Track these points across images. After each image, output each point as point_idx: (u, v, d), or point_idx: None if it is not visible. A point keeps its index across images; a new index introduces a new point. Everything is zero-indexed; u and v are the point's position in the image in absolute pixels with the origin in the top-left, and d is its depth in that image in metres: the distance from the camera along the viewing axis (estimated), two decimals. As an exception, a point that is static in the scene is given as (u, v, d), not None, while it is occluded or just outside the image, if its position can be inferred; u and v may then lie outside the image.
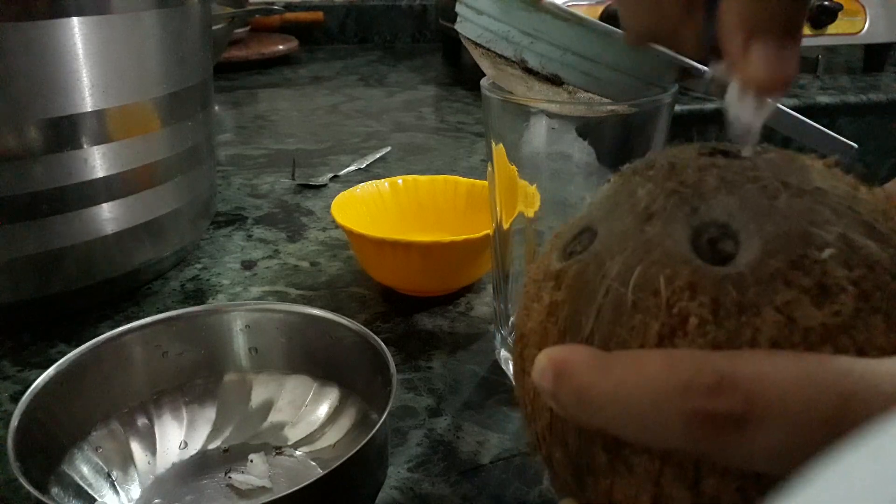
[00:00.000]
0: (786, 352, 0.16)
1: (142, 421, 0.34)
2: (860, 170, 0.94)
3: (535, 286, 0.21)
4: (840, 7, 0.96)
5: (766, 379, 0.15)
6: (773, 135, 0.27)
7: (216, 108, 0.95)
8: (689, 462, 0.17)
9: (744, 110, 0.20)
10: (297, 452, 0.34)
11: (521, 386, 0.21)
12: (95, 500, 0.30)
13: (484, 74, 0.35)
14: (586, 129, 0.33)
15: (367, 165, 0.74)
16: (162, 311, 0.36)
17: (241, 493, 0.32)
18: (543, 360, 0.18)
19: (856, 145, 0.31)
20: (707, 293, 0.17)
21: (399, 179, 0.53)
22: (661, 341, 0.17)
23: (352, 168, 0.73)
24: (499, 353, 0.41)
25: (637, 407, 0.16)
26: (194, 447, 0.34)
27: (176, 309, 0.37)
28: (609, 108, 0.31)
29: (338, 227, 0.48)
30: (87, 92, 0.41)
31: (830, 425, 0.15)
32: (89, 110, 0.41)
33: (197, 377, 0.36)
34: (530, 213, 0.36)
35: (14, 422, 0.28)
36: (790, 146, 0.23)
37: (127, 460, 0.33)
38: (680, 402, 0.15)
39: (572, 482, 0.20)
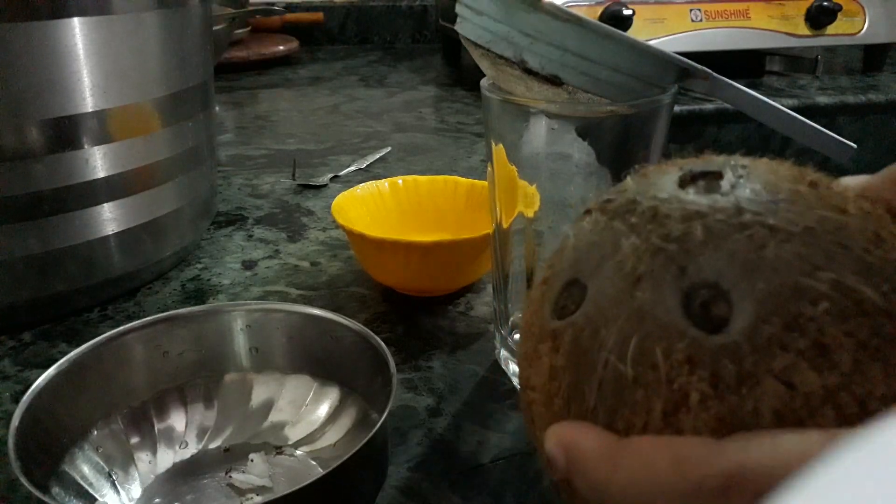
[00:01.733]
0: (790, 435, 0.16)
1: (143, 420, 0.34)
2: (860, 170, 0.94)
3: (532, 341, 0.21)
4: (839, 7, 0.96)
5: (774, 475, 0.15)
6: (773, 135, 0.27)
7: (217, 108, 0.95)
8: None
9: None
10: (298, 452, 0.34)
11: (533, 435, 0.22)
12: (96, 499, 0.30)
13: (484, 75, 0.35)
14: (586, 129, 0.33)
15: (368, 166, 0.74)
16: (162, 311, 0.36)
17: (241, 492, 0.32)
18: (554, 439, 0.19)
19: (855, 146, 0.31)
20: (706, 367, 0.17)
21: (399, 179, 0.53)
22: (666, 418, 0.17)
23: (352, 168, 0.73)
24: (499, 353, 0.41)
25: None
26: (195, 446, 0.34)
27: (176, 309, 0.37)
28: (609, 108, 0.32)
29: (338, 227, 0.48)
30: (87, 92, 0.41)
31: None
32: (90, 110, 0.41)
33: (197, 377, 0.36)
34: (530, 213, 0.36)
35: (15, 422, 0.28)
36: (790, 146, 0.22)
37: (128, 460, 0.33)
38: None
39: None
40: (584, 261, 0.20)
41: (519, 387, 0.22)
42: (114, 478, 0.32)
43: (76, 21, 0.40)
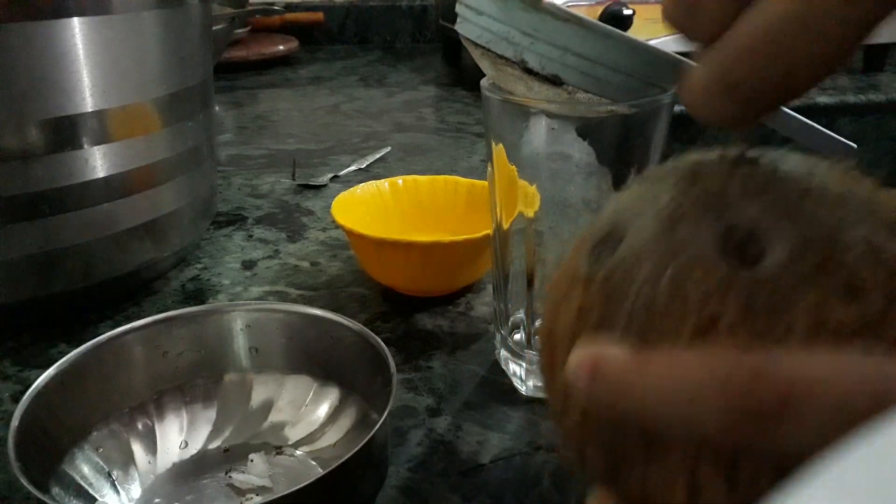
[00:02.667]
0: (820, 349, 0.16)
1: (142, 421, 0.34)
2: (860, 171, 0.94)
3: (561, 289, 0.21)
4: (840, 7, 0.96)
5: (802, 375, 0.15)
6: (772, 135, 0.27)
7: (216, 108, 0.95)
8: (726, 450, 0.17)
9: None
10: (298, 452, 0.34)
11: (550, 384, 0.22)
12: (96, 499, 0.30)
13: (484, 75, 0.35)
14: (586, 129, 0.33)
15: (367, 165, 0.74)
16: (162, 311, 0.36)
17: (241, 492, 0.32)
18: (577, 358, 0.18)
19: (855, 146, 0.31)
20: (738, 295, 0.17)
21: (399, 179, 0.53)
22: (693, 341, 0.18)
23: (352, 168, 0.73)
24: (499, 353, 0.41)
25: (674, 404, 0.17)
26: (195, 447, 0.34)
27: (176, 309, 0.37)
28: (609, 108, 0.32)
29: (338, 227, 0.48)
30: (87, 92, 0.41)
31: (865, 419, 0.15)
32: (90, 110, 0.41)
33: (197, 377, 0.36)
34: (530, 213, 0.36)
35: (15, 422, 0.28)
36: (790, 146, 0.23)
37: (127, 460, 0.33)
38: (718, 398, 0.16)
39: (606, 474, 0.20)
40: (623, 216, 0.21)
41: (539, 341, 0.22)
42: (113, 478, 0.32)
43: (76, 21, 0.40)
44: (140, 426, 0.34)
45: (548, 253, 0.36)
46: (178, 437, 0.34)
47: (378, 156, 0.76)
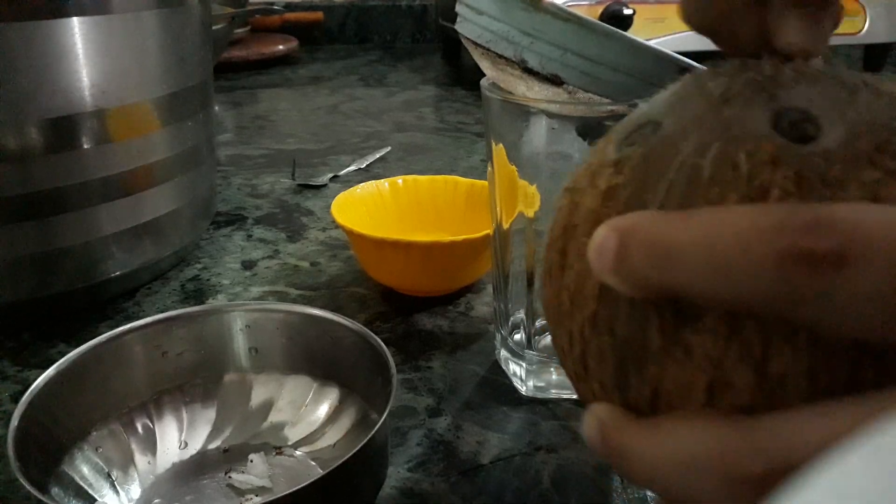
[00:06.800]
0: (886, 207, 0.15)
1: (142, 421, 0.34)
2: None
3: (582, 181, 0.20)
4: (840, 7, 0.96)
5: (865, 221, 0.14)
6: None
7: (216, 108, 0.95)
8: (757, 339, 0.16)
9: None
10: (297, 452, 0.34)
11: (557, 284, 0.20)
12: (95, 499, 0.30)
13: (484, 74, 0.35)
14: (586, 129, 0.33)
15: (367, 165, 0.74)
16: (162, 311, 0.36)
17: (241, 492, 0.32)
18: (603, 231, 0.16)
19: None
20: (791, 167, 0.16)
21: (399, 179, 0.53)
22: None
23: (352, 168, 0.73)
24: (499, 353, 0.41)
25: (723, 252, 0.15)
26: (194, 447, 0.34)
27: (176, 309, 0.37)
28: (609, 108, 0.31)
29: (338, 227, 0.48)
30: (87, 92, 0.41)
31: None
32: (89, 110, 0.41)
33: (197, 377, 0.36)
34: (530, 213, 0.36)
35: (14, 422, 0.28)
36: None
37: (127, 460, 0.33)
38: (773, 242, 0.14)
39: (611, 381, 0.18)
40: (659, 107, 0.19)
41: (546, 245, 0.20)
42: (113, 478, 0.32)
43: (76, 21, 0.40)
44: (140, 426, 0.34)
45: (548, 253, 0.36)
46: (177, 437, 0.34)
47: (378, 156, 0.76)
